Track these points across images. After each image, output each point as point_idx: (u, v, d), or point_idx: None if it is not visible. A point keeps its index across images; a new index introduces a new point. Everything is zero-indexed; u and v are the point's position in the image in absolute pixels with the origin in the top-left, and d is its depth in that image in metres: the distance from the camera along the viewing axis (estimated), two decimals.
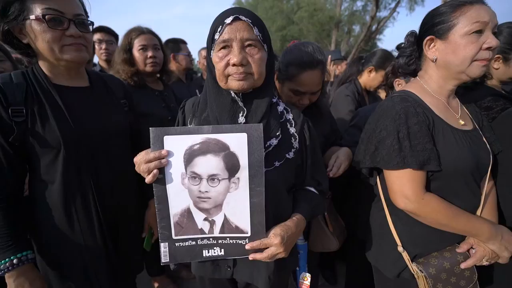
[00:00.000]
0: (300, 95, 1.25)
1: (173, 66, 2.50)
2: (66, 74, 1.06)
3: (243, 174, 0.82)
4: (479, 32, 0.90)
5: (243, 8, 0.90)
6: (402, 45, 1.13)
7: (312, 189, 1.03)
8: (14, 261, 0.94)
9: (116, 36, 2.59)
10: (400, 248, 1.02)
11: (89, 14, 1.08)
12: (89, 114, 1.07)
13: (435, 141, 0.94)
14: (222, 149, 0.81)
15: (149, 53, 1.72)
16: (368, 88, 2.14)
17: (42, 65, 1.03)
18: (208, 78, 0.94)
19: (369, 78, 2.10)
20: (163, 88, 1.90)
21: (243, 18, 0.83)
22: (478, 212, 1.00)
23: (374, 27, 15.89)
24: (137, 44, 1.72)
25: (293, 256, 1.05)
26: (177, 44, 2.46)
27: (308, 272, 1.14)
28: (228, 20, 0.83)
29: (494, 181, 1.11)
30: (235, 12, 0.84)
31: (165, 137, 0.81)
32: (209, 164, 0.81)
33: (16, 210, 0.98)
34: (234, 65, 0.83)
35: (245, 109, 0.91)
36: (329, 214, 1.42)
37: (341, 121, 1.83)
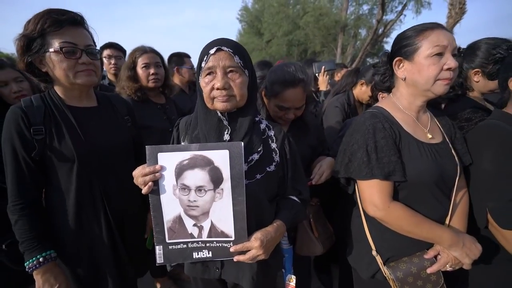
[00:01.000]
0: (285, 110, 1.36)
1: (176, 78, 2.65)
2: (78, 96, 1.21)
3: (226, 185, 0.94)
4: (440, 54, 1.00)
5: (227, 39, 1.02)
6: (378, 63, 1.23)
7: (294, 198, 1.14)
8: (40, 259, 1.08)
9: (124, 51, 2.77)
10: (374, 252, 1.11)
11: (96, 43, 1.23)
12: (98, 130, 1.22)
13: (401, 154, 1.03)
14: (207, 164, 0.93)
15: (151, 70, 1.87)
16: (360, 101, 2.22)
17: (58, 89, 1.18)
18: (198, 100, 1.07)
19: (361, 91, 2.18)
20: (165, 101, 2.04)
21: (225, 48, 0.96)
22: (447, 220, 1.08)
23: (380, 30, 15.85)
24: (140, 62, 1.87)
25: (277, 259, 1.15)
26: (181, 58, 2.61)
27: (297, 275, 1.24)
28: (212, 51, 0.96)
29: (467, 190, 1.20)
30: (218, 44, 0.97)
31: (159, 154, 0.93)
32: (197, 177, 0.93)
33: (38, 215, 1.12)
34: (218, 89, 0.96)
35: (230, 128, 1.02)
36: (315, 220, 1.51)
37: (331, 130, 1.92)
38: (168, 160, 0.93)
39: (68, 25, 1.09)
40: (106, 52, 2.68)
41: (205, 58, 0.97)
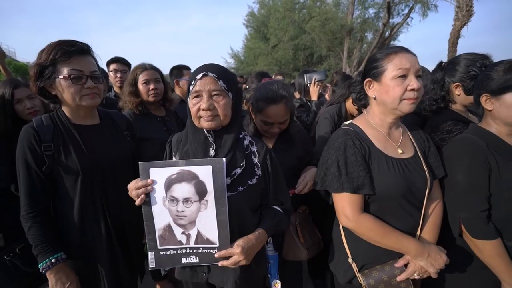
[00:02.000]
0: (269, 125, 1.46)
1: (177, 90, 2.79)
2: (83, 115, 1.34)
3: (210, 197, 1.04)
4: (404, 76, 1.08)
5: (213, 65, 1.13)
6: (354, 82, 1.32)
7: (277, 208, 1.24)
8: (53, 260, 1.21)
9: (129, 65, 2.93)
10: (350, 260, 1.19)
11: (101, 68, 1.37)
12: (100, 145, 1.35)
13: (371, 169, 1.12)
14: (193, 178, 1.04)
15: (151, 86, 2.01)
16: (351, 113, 2.29)
17: (65, 109, 1.32)
18: (188, 119, 1.18)
19: (351, 104, 2.26)
20: (165, 113, 2.17)
21: (210, 74, 1.07)
22: (418, 231, 1.16)
23: (387, 34, 15.79)
24: (141, 78, 2.00)
25: (260, 264, 1.25)
26: (180, 71, 2.76)
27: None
28: (199, 76, 1.07)
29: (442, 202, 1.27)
30: (204, 70, 1.08)
31: (151, 169, 1.05)
32: (184, 189, 1.04)
33: (49, 221, 1.26)
34: (203, 109, 1.07)
35: (215, 144, 1.13)
36: (302, 226, 1.59)
37: (321, 140, 2.01)
38: (159, 174, 1.04)
39: (76, 55, 1.23)
40: (112, 66, 2.84)
41: (193, 82, 1.08)
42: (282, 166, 1.50)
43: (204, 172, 1.03)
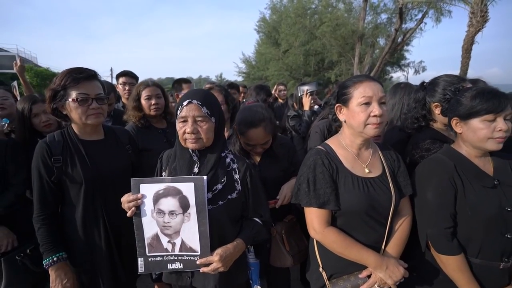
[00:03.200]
0: (251, 146, 1.59)
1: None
2: (89, 132, 1.53)
3: (193, 210, 1.18)
4: (368, 103, 1.19)
5: (198, 92, 1.28)
6: (331, 105, 1.43)
7: (257, 220, 1.36)
8: (54, 259, 1.40)
9: (137, 78, 3.14)
10: (320, 269, 1.30)
11: (106, 89, 1.55)
12: (102, 159, 1.52)
13: (338, 186, 1.23)
14: (178, 193, 1.18)
15: (153, 101, 2.18)
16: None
17: (74, 126, 1.51)
18: (176, 139, 1.32)
19: None
20: (166, 126, 2.34)
21: (195, 101, 1.21)
22: (383, 245, 1.25)
23: (400, 39, 15.63)
24: (144, 94, 2.18)
25: (240, 270, 1.37)
26: (180, 85, 2.96)
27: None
28: (185, 103, 1.21)
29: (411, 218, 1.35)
30: (190, 97, 1.22)
31: (141, 185, 1.20)
32: (169, 203, 1.18)
33: (55, 224, 1.45)
34: (188, 133, 1.21)
35: (199, 163, 1.27)
36: (288, 235, 1.70)
37: None
38: (148, 190, 1.19)
39: (83, 80, 1.41)
40: (121, 80, 3.05)
41: (180, 108, 1.23)
42: (267, 178, 1.63)
43: (187, 189, 1.17)
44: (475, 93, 1.29)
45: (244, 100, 2.80)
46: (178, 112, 1.23)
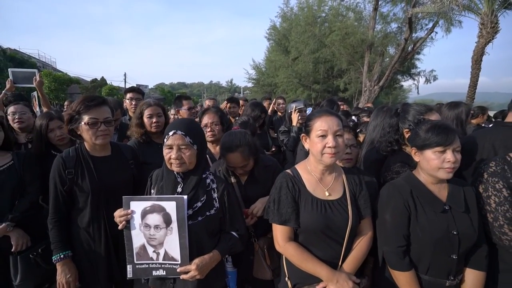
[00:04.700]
0: (232, 168, 1.78)
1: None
2: (98, 149, 1.79)
3: (174, 225, 1.38)
4: (324, 136, 1.36)
5: (182, 123, 1.49)
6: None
7: (233, 233, 1.55)
8: (61, 256, 1.66)
9: (143, 94, 3.40)
10: (286, 278, 1.47)
11: (114, 111, 1.79)
12: (108, 172, 1.77)
13: (300, 206, 1.40)
14: (162, 210, 1.38)
15: (154, 120, 2.41)
16: None
17: (86, 144, 1.77)
18: (164, 162, 1.52)
19: None
20: None
21: (179, 132, 1.41)
22: (340, 262, 1.41)
23: (410, 48, 15.57)
24: (146, 113, 2.41)
25: (217, 278, 1.55)
26: (180, 101, 3.20)
27: None
28: (170, 133, 1.42)
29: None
30: (174, 128, 1.43)
31: (131, 202, 1.40)
32: (155, 218, 1.39)
33: (65, 226, 1.71)
34: (173, 159, 1.41)
35: (182, 183, 1.47)
36: (270, 249, 1.82)
37: None
38: (137, 206, 1.40)
39: (94, 107, 1.68)
40: (128, 95, 3.32)
41: (166, 137, 1.43)
42: (251, 197, 1.81)
43: (170, 206, 1.37)
44: (429, 127, 1.44)
45: (236, 118, 3.02)
46: (165, 140, 1.44)
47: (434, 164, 1.39)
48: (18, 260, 1.89)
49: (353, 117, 5.09)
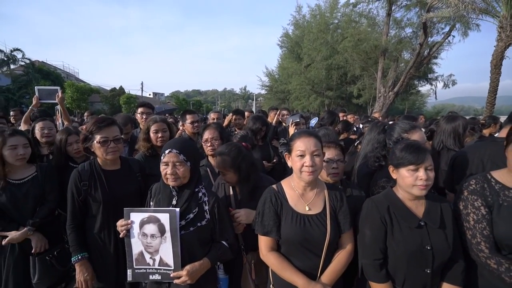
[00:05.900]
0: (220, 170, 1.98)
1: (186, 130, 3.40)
2: (109, 164, 2.01)
3: (168, 235, 1.54)
4: (302, 155, 1.49)
5: (178, 142, 1.66)
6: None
7: (223, 242, 1.69)
8: (79, 257, 1.88)
9: (153, 108, 3.64)
10: (271, 285, 1.59)
11: (123, 132, 2.01)
12: (117, 184, 1.99)
13: (281, 220, 1.52)
14: (157, 221, 1.55)
15: (159, 135, 2.62)
16: None
17: (98, 159, 2.00)
18: (161, 176, 1.69)
19: None
20: None
21: (174, 151, 1.58)
22: (318, 273, 1.51)
23: (426, 52, 15.28)
24: (152, 129, 2.62)
25: (209, 284, 1.69)
26: (184, 116, 3.43)
27: None
28: (166, 152, 1.59)
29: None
30: (170, 147, 1.59)
31: (131, 213, 1.58)
32: (151, 228, 1.55)
33: (81, 231, 1.93)
34: (169, 174, 1.58)
35: (177, 196, 1.63)
36: (258, 264, 1.87)
37: None
38: (136, 217, 1.58)
39: (105, 127, 1.91)
40: (140, 110, 3.57)
41: (163, 155, 1.61)
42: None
43: (164, 218, 1.54)
44: (403, 146, 1.54)
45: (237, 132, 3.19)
46: (162, 157, 1.61)
47: (408, 182, 1.48)
48: (36, 260, 2.13)
49: (361, 125, 5.13)
